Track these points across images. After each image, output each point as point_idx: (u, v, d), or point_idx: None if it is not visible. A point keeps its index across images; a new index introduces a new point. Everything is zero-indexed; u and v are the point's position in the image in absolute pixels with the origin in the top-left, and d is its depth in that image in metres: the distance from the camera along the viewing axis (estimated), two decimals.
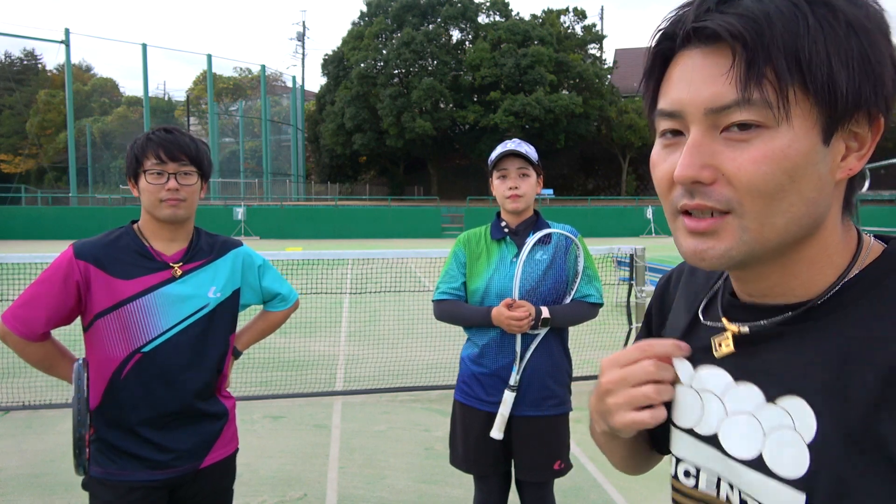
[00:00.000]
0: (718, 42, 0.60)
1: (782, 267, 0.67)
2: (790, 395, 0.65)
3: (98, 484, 1.83)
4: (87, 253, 1.80)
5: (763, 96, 0.58)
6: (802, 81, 0.58)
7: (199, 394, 1.90)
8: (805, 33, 0.58)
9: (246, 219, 28.80)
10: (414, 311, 7.06)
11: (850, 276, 0.66)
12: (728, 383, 0.71)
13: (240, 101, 53.27)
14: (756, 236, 0.63)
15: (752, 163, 0.60)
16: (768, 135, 0.59)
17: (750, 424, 0.68)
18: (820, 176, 0.61)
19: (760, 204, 0.61)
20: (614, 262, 9.31)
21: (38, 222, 28.74)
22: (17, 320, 1.78)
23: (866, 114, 0.61)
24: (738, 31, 0.58)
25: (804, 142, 0.60)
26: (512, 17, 43.46)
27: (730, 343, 0.71)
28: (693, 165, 0.62)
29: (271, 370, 5.99)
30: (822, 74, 0.58)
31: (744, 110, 0.59)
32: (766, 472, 0.66)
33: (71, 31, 35.81)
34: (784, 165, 0.60)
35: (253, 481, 3.65)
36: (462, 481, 3.68)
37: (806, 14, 0.58)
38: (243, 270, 2.04)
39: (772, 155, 0.59)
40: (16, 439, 4.36)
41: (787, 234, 0.63)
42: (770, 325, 0.68)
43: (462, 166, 48.04)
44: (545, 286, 2.33)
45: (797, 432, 0.64)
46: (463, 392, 2.44)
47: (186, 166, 1.84)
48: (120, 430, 1.83)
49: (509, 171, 2.34)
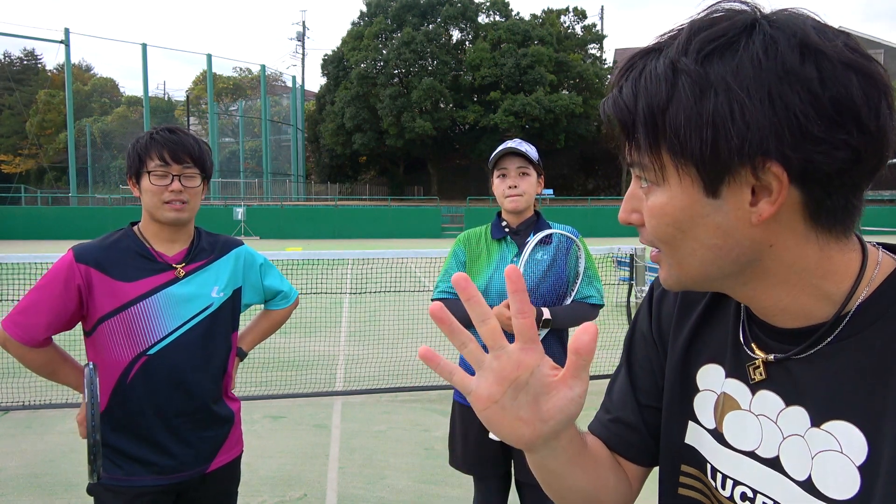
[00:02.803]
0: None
1: (752, 290, 0.71)
2: (835, 419, 0.67)
3: (104, 490, 1.81)
4: (87, 256, 1.78)
5: (641, 161, 0.67)
6: (666, 146, 0.64)
7: (207, 396, 1.89)
8: (662, 105, 0.62)
9: (246, 219, 28.79)
10: (414, 311, 7.04)
11: (871, 290, 0.67)
12: (781, 407, 0.72)
13: (240, 101, 53.27)
14: (679, 271, 0.71)
15: (648, 215, 0.69)
16: (653, 192, 0.68)
17: (801, 446, 0.70)
18: (718, 224, 0.65)
19: (666, 248, 0.70)
20: (614, 262, 9.31)
21: (38, 222, 28.73)
22: (18, 326, 1.76)
23: (759, 163, 0.60)
24: (617, 112, 0.67)
25: (682, 198, 0.65)
26: (512, 17, 43.44)
27: (762, 371, 0.74)
28: (625, 210, 0.73)
29: (271, 370, 5.99)
30: (685, 138, 0.62)
31: (637, 170, 0.69)
32: (815, 493, 0.67)
33: (71, 31, 35.81)
34: (665, 220, 0.67)
35: (253, 481, 3.65)
36: (462, 482, 3.67)
37: (680, 83, 0.61)
38: (245, 270, 2.03)
39: (655, 210, 0.68)
40: (16, 439, 4.35)
41: (709, 272, 0.69)
42: (798, 350, 0.70)
43: (462, 166, 48.04)
44: (545, 286, 2.32)
45: (844, 455, 0.65)
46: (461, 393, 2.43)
47: (190, 168, 1.82)
48: (127, 435, 1.81)
49: (509, 171, 2.34)
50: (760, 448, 0.74)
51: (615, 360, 6.23)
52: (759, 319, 0.75)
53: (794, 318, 0.70)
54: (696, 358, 0.84)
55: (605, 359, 6.29)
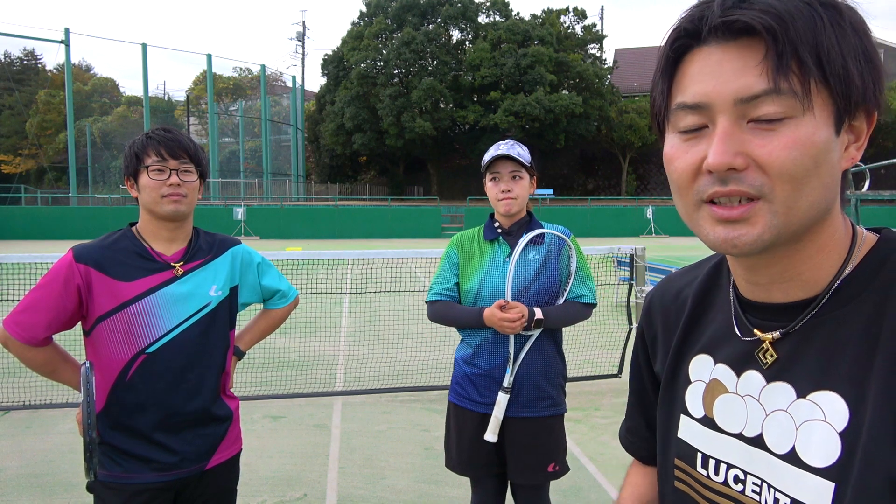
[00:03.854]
0: (743, 37, 0.64)
1: (795, 252, 0.71)
2: (819, 390, 0.69)
3: (104, 487, 1.83)
4: (87, 256, 1.80)
5: (791, 86, 0.62)
6: (822, 74, 0.63)
7: (205, 394, 1.90)
8: (822, 31, 0.62)
9: (246, 219, 28.80)
10: (414, 311, 7.04)
11: (855, 265, 0.70)
12: (762, 384, 0.74)
13: (240, 101, 53.26)
14: (784, 220, 0.66)
15: (784, 149, 0.63)
16: (794, 123, 0.63)
17: (785, 420, 0.71)
18: (833, 163, 0.66)
19: (789, 188, 0.64)
20: (614, 262, 9.31)
21: (38, 222, 28.74)
22: (19, 326, 1.78)
23: (864, 107, 0.66)
24: (769, 24, 0.62)
25: (824, 130, 0.64)
26: (512, 17, 43.45)
27: (772, 352, 0.74)
28: (728, 153, 0.64)
29: (271, 370, 5.99)
30: (838, 68, 0.62)
31: (773, 99, 0.63)
32: (799, 463, 0.69)
33: (71, 31, 35.81)
34: (811, 151, 0.63)
35: (253, 481, 3.65)
36: (462, 481, 3.67)
37: (820, 13, 0.63)
38: (242, 268, 2.05)
39: (800, 141, 0.63)
40: (16, 439, 4.35)
41: (808, 218, 0.67)
42: (795, 323, 0.72)
43: (462, 166, 48.02)
44: (537, 286, 2.32)
45: (827, 423, 0.67)
46: (456, 393, 2.43)
47: (187, 164, 1.86)
48: (126, 433, 1.83)
49: (502, 174, 2.34)
50: (746, 428, 0.76)
51: (615, 359, 6.24)
52: (750, 301, 0.77)
53: (801, 289, 0.72)
54: (689, 351, 0.87)
55: (605, 359, 6.29)
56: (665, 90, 0.71)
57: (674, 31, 0.69)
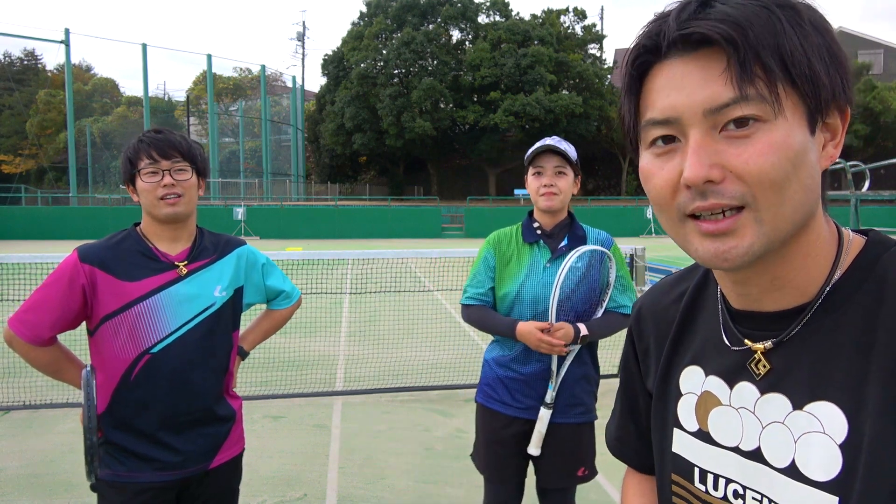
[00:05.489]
0: (703, 48, 0.63)
1: (782, 259, 0.69)
2: (816, 401, 0.67)
3: (107, 486, 1.83)
4: (92, 256, 1.81)
5: (758, 91, 0.61)
6: (788, 76, 0.62)
7: (209, 393, 1.91)
8: (782, 33, 0.62)
9: (246, 219, 28.81)
10: (414, 311, 7.05)
11: (844, 269, 0.69)
12: (756, 396, 0.73)
13: (240, 101, 53.25)
14: (771, 227, 0.64)
15: (760, 155, 0.62)
16: (767, 128, 0.62)
17: (783, 433, 0.70)
18: (811, 164, 0.65)
19: (771, 194, 0.63)
20: None
21: (38, 222, 28.75)
22: (24, 325, 1.79)
23: (836, 105, 0.66)
24: (727, 33, 0.61)
25: (798, 131, 0.63)
26: (512, 17, 43.44)
27: (765, 362, 0.73)
28: (703, 165, 0.63)
29: (271, 370, 5.99)
30: (804, 68, 0.62)
31: (742, 106, 0.62)
32: (800, 477, 0.67)
33: (71, 31, 35.88)
34: (788, 154, 0.62)
35: (253, 481, 3.65)
36: (462, 481, 3.68)
37: (778, 16, 0.62)
38: (247, 269, 2.05)
39: (776, 145, 0.62)
40: (16, 439, 4.35)
41: (794, 222, 0.66)
42: (788, 332, 0.71)
43: (462, 166, 48.04)
44: (579, 294, 2.25)
45: (826, 434, 0.66)
46: (486, 395, 2.36)
47: (180, 162, 1.86)
48: (130, 433, 1.83)
49: (545, 169, 2.24)
50: (743, 441, 0.75)
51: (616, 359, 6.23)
52: (739, 311, 0.76)
53: (791, 297, 0.71)
54: (679, 362, 0.85)
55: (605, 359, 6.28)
56: (632, 108, 0.70)
57: (634, 48, 0.68)
